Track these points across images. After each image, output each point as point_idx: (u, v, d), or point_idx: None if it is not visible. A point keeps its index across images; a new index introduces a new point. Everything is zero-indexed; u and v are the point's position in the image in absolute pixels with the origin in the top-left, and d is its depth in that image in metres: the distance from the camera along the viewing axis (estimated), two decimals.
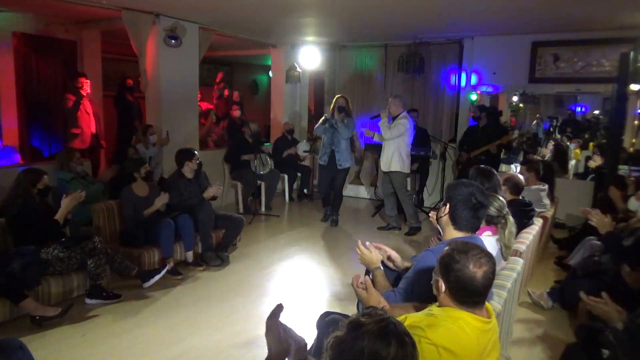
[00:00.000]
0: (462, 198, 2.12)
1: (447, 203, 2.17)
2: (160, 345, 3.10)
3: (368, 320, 1.24)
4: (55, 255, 3.49)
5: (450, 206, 2.15)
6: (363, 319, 1.25)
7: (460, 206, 2.12)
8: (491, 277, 1.62)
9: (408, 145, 5.68)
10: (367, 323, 1.23)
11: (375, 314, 1.27)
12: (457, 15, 5.35)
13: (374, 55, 7.59)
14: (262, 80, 11.28)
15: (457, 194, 2.14)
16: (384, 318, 1.25)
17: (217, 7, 5.23)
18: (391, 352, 1.18)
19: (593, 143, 7.47)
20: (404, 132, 5.54)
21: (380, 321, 1.24)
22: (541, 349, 3.20)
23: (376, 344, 1.19)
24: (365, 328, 1.22)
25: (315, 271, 4.59)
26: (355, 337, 1.21)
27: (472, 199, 2.11)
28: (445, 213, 2.16)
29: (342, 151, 5.82)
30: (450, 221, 2.16)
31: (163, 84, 5.80)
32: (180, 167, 4.61)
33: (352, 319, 1.27)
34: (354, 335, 1.22)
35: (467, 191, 2.12)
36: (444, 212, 2.17)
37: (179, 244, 4.37)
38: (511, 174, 3.90)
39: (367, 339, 1.19)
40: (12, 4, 5.53)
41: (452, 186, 2.20)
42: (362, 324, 1.24)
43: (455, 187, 2.18)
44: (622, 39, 5.79)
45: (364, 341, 1.19)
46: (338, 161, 5.82)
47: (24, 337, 2.96)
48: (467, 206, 2.11)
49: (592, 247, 3.98)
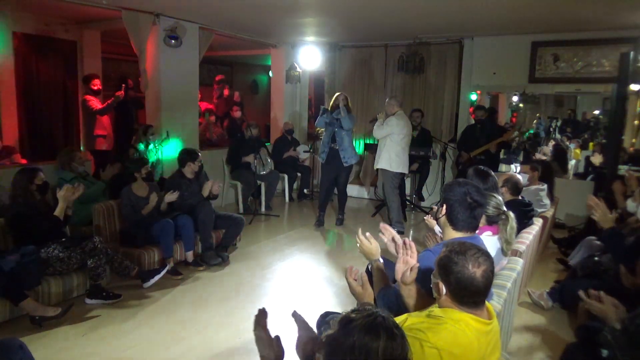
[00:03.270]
0: (458, 198, 2.11)
1: (444, 204, 2.16)
2: (160, 346, 3.10)
3: (357, 316, 1.26)
4: (55, 255, 3.49)
5: (446, 207, 2.14)
6: (353, 315, 1.27)
7: (456, 206, 2.10)
8: (490, 275, 1.62)
9: (399, 144, 5.58)
10: (356, 318, 1.25)
11: (364, 309, 1.28)
12: (457, 15, 5.35)
13: (374, 55, 7.59)
14: (262, 80, 11.28)
15: (453, 195, 2.12)
16: (373, 312, 1.27)
17: (217, 7, 5.23)
18: (381, 344, 1.20)
19: (593, 143, 7.49)
20: (391, 131, 5.53)
21: (369, 315, 1.25)
22: (541, 349, 3.20)
23: (365, 337, 1.20)
24: (355, 323, 1.23)
25: (315, 271, 4.59)
26: (345, 333, 1.23)
27: (468, 198, 2.09)
28: (443, 214, 2.15)
29: (347, 148, 5.75)
30: (448, 222, 2.15)
31: (163, 84, 5.80)
32: (182, 166, 4.62)
33: (343, 316, 1.29)
34: (345, 331, 1.23)
35: (461, 191, 2.11)
36: (441, 213, 2.16)
37: (179, 244, 4.37)
38: (510, 174, 3.90)
39: (356, 334, 1.21)
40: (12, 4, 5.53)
41: (448, 187, 2.19)
42: (351, 319, 1.25)
43: (451, 187, 2.16)
44: (622, 39, 5.80)
45: (353, 336, 1.21)
46: (343, 158, 5.76)
47: (24, 337, 2.96)
48: (463, 206, 2.09)
49: (592, 247, 3.98)
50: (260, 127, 7.21)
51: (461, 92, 7.01)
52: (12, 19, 5.81)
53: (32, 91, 6.36)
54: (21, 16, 5.93)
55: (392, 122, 5.54)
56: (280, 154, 7.26)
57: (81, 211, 4.46)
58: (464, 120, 6.99)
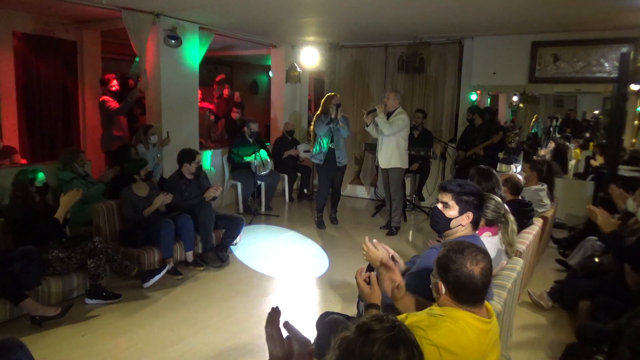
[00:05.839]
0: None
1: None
2: (160, 345, 3.10)
3: (378, 327, 1.23)
4: (55, 255, 3.49)
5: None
6: (373, 324, 1.24)
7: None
8: (489, 273, 1.63)
9: (407, 140, 5.66)
10: (377, 329, 1.22)
11: (386, 320, 1.26)
12: (457, 15, 5.35)
13: (374, 55, 7.59)
14: (262, 80, 11.28)
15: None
16: (395, 325, 1.25)
17: (217, 7, 5.23)
18: None
19: (593, 143, 7.48)
20: (403, 127, 5.52)
21: (392, 329, 1.23)
22: (541, 349, 3.20)
23: (385, 352, 1.18)
24: (376, 335, 1.21)
25: (315, 271, 4.58)
26: (364, 342, 1.20)
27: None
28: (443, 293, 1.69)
29: (342, 149, 5.80)
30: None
31: (163, 84, 5.80)
32: (181, 167, 4.62)
33: (362, 323, 1.26)
34: (364, 340, 1.21)
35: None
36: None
37: (179, 244, 4.37)
38: (510, 174, 3.90)
39: (377, 346, 1.19)
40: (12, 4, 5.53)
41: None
42: (372, 329, 1.23)
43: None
44: (622, 39, 5.80)
45: (373, 348, 1.19)
46: (338, 159, 5.78)
47: (24, 337, 2.96)
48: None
49: (592, 247, 3.98)
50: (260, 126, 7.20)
51: (461, 92, 7.00)
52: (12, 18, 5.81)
53: (32, 91, 6.35)
54: (21, 16, 5.93)
55: (402, 118, 5.51)
56: (280, 154, 7.27)
57: (81, 211, 4.46)
58: (463, 120, 6.99)
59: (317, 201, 6.16)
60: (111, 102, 5.93)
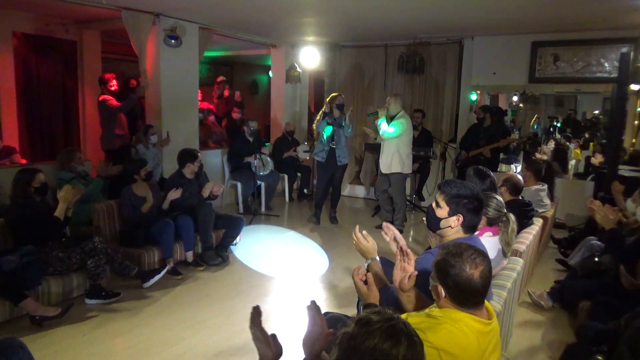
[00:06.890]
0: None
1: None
2: (161, 345, 3.10)
3: (377, 318, 1.25)
4: (55, 255, 3.49)
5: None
6: (372, 317, 1.26)
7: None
8: (488, 275, 1.62)
9: (408, 145, 5.66)
10: (376, 321, 1.24)
11: (384, 312, 1.28)
12: (457, 15, 5.35)
13: (373, 55, 7.59)
14: (262, 80, 11.28)
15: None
16: (394, 317, 1.26)
17: (218, 7, 5.23)
18: (401, 351, 1.19)
19: (593, 143, 7.49)
20: (404, 131, 5.53)
21: (390, 319, 1.25)
22: (541, 349, 3.20)
23: (386, 342, 1.19)
24: (376, 326, 1.22)
25: (314, 271, 4.58)
26: (365, 334, 1.21)
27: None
28: (444, 296, 1.68)
29: (342, 147, 5.81)
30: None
31: (163, 84, 5.80)
32: (182, 167, 4.62)
33: (362, 316, 1.28)
34: (364, 332, 1.22)
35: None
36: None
37: (179, 244, 4.38)
38: (510, 174, 3.89)
39: (377, 337, 1.20)
40: (12, 4, 5.53)
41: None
42: (371, 321, 1.24)
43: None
44: (622, 39, 5.80)
45: (374, 339, 1.20)
46: (338, 157, 5.79)
47: (24, 337, 2.96)
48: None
49: (592, 247, 3.98)
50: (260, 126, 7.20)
51: (461, 92, 7.00)
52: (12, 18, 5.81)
53: (32, 91, 6.36)
54: (21, 16, 5.93)
55: (403, 122, 5.51)
56: (280, 154, 7.27)
57: (81, 211, 4.46)
58: (464, 120, 6.99)
59: (315, 196, 6.21)
60: (111, 101, 5.95)
